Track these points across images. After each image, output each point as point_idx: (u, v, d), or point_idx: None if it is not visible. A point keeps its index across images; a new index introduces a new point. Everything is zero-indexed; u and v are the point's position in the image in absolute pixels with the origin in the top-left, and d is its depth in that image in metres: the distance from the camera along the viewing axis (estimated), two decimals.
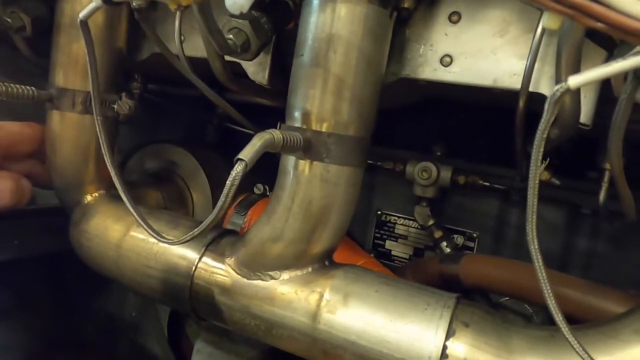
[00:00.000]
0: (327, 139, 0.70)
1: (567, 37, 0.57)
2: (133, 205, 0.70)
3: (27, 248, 1.36)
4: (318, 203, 0.72)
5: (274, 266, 0.76)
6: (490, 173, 1.14)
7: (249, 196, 1.35)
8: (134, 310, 1.75)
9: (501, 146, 1.24)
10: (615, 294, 0.82)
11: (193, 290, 0.79)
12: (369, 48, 0.70)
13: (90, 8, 0.59)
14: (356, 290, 0.70)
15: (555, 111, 0.40)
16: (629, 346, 0.56)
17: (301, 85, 0.72)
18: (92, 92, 0.71)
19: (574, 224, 1.13)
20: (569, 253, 1.14)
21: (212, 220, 0.58)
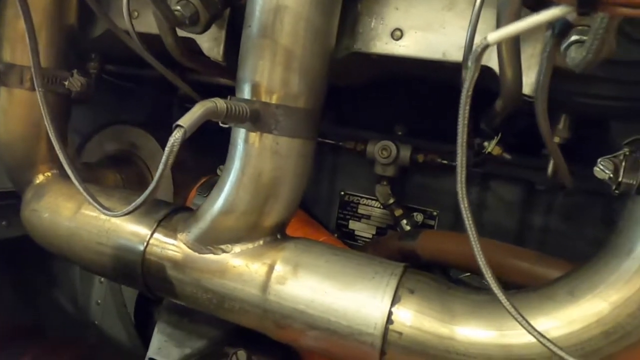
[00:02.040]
0: (276, 110, 0.70)
1: (505, 4, 0.58)
2: (79, 180, 0.69)
3: None
4: (268, 175, 0.72)
5: (226, 239, 0.75)
6: (449, 151, 1.16)
7: (212, 178, 1.34)
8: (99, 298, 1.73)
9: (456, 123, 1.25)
10: (561, 263, 0.84)
11: (145, 266, 0.79)
12: (317, 19, 0.70)
13: None
14: (306, 260, 0.71)
15: (478, 67, 0.40)
16: (563, 306, 0.58)
17: (250, 57, 0.72)
18: (32, 64, 0.69)
19: (529, 201, 1.15)
20: (524, 228, 1.16)
21: (151, 190, 0.57)
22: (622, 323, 0.55)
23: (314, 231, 1.11)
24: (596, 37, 0.43)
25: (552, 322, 0.58)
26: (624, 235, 0.57)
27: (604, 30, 0.42)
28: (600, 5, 0.33)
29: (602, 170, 0.60)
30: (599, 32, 0.42)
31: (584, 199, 1.10)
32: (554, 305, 0.59)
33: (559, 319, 0.58)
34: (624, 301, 0.55)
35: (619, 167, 0.59)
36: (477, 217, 1.21)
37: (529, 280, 0.87)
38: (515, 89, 0.67)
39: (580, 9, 0.34)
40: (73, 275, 1.75)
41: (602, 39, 0.43)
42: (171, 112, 1.63)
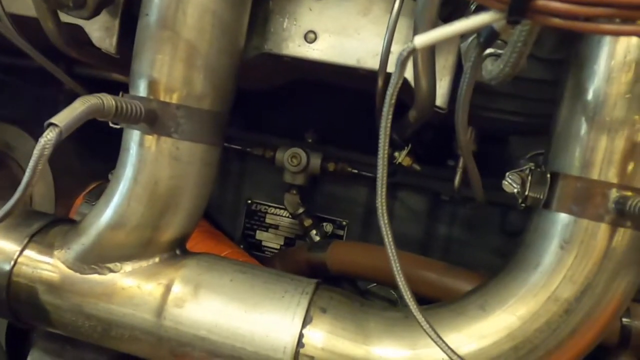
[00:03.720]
0: (176, 111, 0.62)
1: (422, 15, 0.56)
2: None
3: None
4: (166, 184, 0.64)
5: (115, 257, 0.66)
6: (359, 160, 1.15)
7: (102, 184, 1.20)
8: None
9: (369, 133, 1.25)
10: (468, 274, 0.86)
11: (12, 290, 0.66)
12: (225, 13, 0.64)
13: None
14: (208, 280, 0.64)
15: (403, 72, 0.37)
16: (475, 321, 0.58)
17: (147, 49, 0.63)
18: None
19: (434, 210, 1.18)
20: (430, 238, 1.19)
21: (17, 200, 0.47)
22: (531, 337, 0.55)
23: (217, 243, 1.03)
24: (514, 49, 0.42)
25: (464, 338, 0.57)
26: (530, 249, 0.58)
27: (523, 43, 0.42)
28: (531, 13, 0.31)
29: (510, 184, 0.61)
30: (517, 45, 0.41)
31: (485, 209, 1.14)
32: (466, 320, 0.58)
33: (470, 335, 0.57)
34: (532, 315, 0.55)
35: (526, 181, 0.60)
36: None
37: (437, 291, 0.88)
38: (428, 100, 0.67)
39: (511, 17, 0.32)
40: None
41: (521, 52, 0.43)
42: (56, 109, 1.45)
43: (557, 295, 0.55)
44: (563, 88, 0.59)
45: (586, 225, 0.54)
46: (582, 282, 0.54)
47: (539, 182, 0.58)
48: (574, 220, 0.55)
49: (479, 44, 0.41)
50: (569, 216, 0.55)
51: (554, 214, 0.56)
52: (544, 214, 0.58)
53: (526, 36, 0.41)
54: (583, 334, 0.54)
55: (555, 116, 0.60)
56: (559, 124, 0.59)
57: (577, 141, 0.56)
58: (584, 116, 0.56)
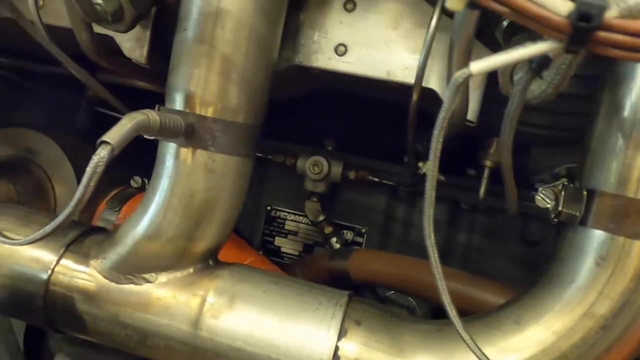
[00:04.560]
0: (213, 125, 0.63)
1: (459, 33, 0.57)
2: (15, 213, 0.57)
3: None
4: (201, 196, 0.65)
5: (150, 267, 0.67)
6: (379, 168, 1.15)
7: (125, 190, 1.21)
8: None
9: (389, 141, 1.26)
10: (492, 285, 0.86)
11: (48, 299, 0.67)
12: (261, 27, 0.65)
13: None
14: (243, 291, 0.65)
15: (456, 98, 0.38)
16: (510, 335, 0.58)
17: (184, 63, 0.64)
18: None
19: (454, 219, 1.18)
20: (449, 246, 1.19)
21: (68, 214, 0.48)
22: (566, 353, 0.55)
23: (241, 251, 1.04)
24: (558, 72, 0.43)
25: (499, 352, 0.58)
26: (565, 264, 0.59)
27: (568, 66, 0.42)
28: (592, 43, 0.32)
29: (543, 200, 0.61)
30: (562, 68, 0.42)
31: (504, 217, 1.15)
32: (500, 334, 0.59)
33: (505, 349, 0.58)
34: (568, 331, 0.56)
35: (559, 196, 0.61)
36: (404, 235, 1.21)
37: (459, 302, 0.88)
38: (461, 114, 0.67)
39: (570, 47, 0.33)
40: None
41: (565, 75, 0.43)
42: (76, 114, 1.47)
43: (593, 312, 0.55)
44: (598, 104, 0.60)
45: (622, 242, 0.55)
46: (619, 299, 0.54)
47: (573, 198, 0.59)
48: (610, 238, 0.55)
49: (530, 69, 0.42)
50: (605, 233, 0.56)
51: (590, 231, 0.57)
52: (579, 230, 0.58)
53: (572, 60, 0.41)
54: (620, 350, 0.55)
55: (590, 132, 0.60)
56: (594, 140, 0.59)
57: (614, 158, 0.56)
58: (620, 133, 0.56)
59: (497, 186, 1.01)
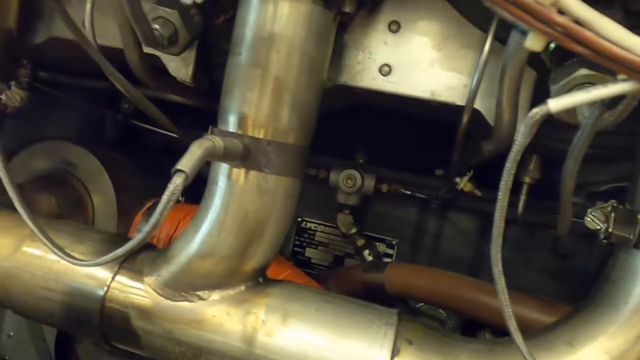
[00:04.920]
0: (267, 146, 0.65)
1: (512, 57, 0.58)
2: (31, 218, 0.59)
3: None
4: (254, 216, 0.66)
5: (202, 285, 0.68)
6: (410, 181, 1.16)
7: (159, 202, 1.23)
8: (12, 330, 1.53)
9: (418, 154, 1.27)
10: (532, 301, 0.86)
11: (105, 315, 0.69)
12: (313, 51, 0.66)
13: None
14: (295, 309, 0.66)
15: (532, 133, 0.39)
16: (563, 356, 0.59)
17: (237, 86, 0.66)
18: None
19: (485, 231, 1.19)
20: (479, 258, 1.20)
21: (141, 239, 0.49)
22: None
23: (278, 264, 1.05)
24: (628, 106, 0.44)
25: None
26: (619, 286, 0.59)
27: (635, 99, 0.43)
28: None
29: (593, 221, 0.62)
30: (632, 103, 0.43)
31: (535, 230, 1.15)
32: (554, 355, 0.59)
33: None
34: (622, 353, 0.56)
35: (609, 218, 0.61)
36: (435, 247, 1.22)
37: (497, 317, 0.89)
38: (508, 135, 0.68)
39: None
40: None
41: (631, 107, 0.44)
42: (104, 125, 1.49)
43: None
44: None
45: None
46: None
47: (625, 221, 0.59)
48: None
49: (602, 104, 0.43)
50: None
51: None
52: (632, 252, 0.59)
53: None
54: None
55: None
56: None
57: None
58: None
59: (530, 200, 1.02)
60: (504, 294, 0.47)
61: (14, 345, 1.55)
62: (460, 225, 1.21)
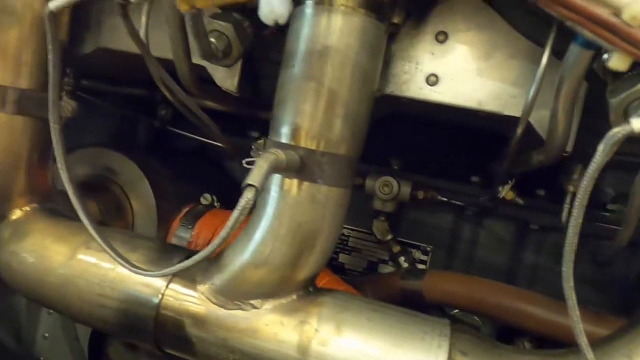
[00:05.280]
0: (321, 158, 0.65)
1: (571, 71, 0.58)
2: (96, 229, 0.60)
3: None
4: (307, 226, 0.67)
5: (255, 294, 0.69)
6: (446, 188, 1.16)
7: (195, 207, 1.25)
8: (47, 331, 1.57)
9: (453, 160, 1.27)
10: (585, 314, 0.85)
11: (159, 322, 0.70)
12: (365, 63, 0.67)
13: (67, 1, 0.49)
14: (348, 319, 0.67)
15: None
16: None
17: (291, 98, 0.67)
18: (51, 97, 0.59)
19: (522, 238, 1.18)
20: (516, 266, 1.19)
21: (210, 251, 0.51)
22: None
23: None
24: None
25: None
26: None
27: None
28: None
29: None
30: None
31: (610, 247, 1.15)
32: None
33: None
34: None
35: None
36: (470, 254, 1.22)
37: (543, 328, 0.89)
38: (561, 147, 0.68)
39: None
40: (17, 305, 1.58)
41: None
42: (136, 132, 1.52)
43: None
44: None
45: None
46: None
47: None
48: None
49: None
50: None
51: None
52: None
53: None
54: None
55: None
56: None
57: None
58: None
59: None
60: (575, 310, 0.47)
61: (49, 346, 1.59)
62: (496, 232, 1.20)
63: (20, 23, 0.80)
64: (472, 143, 1.14)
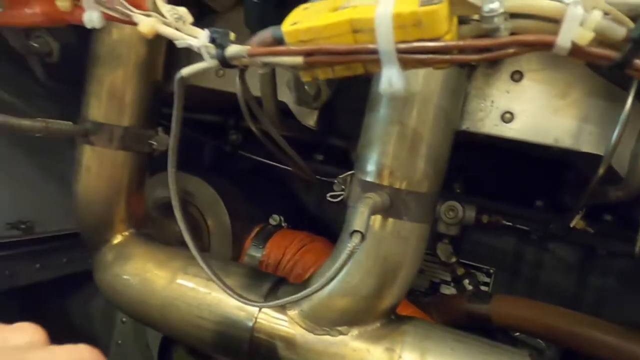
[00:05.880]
0: (406, 197, 0.70)
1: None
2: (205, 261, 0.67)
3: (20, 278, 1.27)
4: (392, 259, 0.72)
5: (341, 321, 0.74)
6: (510, 212, 1.18)
7: (265, 227, 1.32)
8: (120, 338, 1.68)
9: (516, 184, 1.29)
10: None
11: (253, 344, 0.77)
12: (447, 105, 0.71)
13: (199, 67, 0.56)
14: (431, 347, 0.71)
15: None
16: None
17: (377, 140, 0.72)
18: (171, 148, 0.66)
19: (588, 262, 1.19)
20: (582, 290, 1.19)
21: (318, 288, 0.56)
22: None
23: None
24: None
25: None
26: None
27: None
28: None
29: None
30: None
31: None
32: None
33: None
34: None
35: None
36: (534, 277, 1.23)
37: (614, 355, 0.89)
38: None
39: None
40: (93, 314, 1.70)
41: None
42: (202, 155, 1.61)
43: None
44: None
45: None
46: None
47: None
48: None
49: None
50: None
51: None
52: None
53: None
54: None
55: None
56: None
57: None
58: None
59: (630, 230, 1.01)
60: None
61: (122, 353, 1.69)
62: (560, 256, 1.21)
63: (125, 65, 0.88)
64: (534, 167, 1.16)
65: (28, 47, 0.90)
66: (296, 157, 0.88)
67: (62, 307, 1.66)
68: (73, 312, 1.69)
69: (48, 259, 1.33)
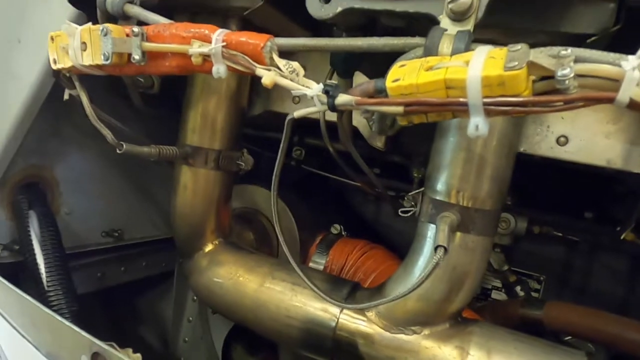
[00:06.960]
0: (474, 214, 0.80)
1: None
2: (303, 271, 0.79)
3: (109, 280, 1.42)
4: (460, 268, 0.82)
5: (414, 321, 0.85)
6: (559, 222, 1.26)
7: (327, 235, 1.43)
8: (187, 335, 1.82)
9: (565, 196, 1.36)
10: None
11: (335, 341, 0.88)
12: (509, 131, 0.81)
13: (310, 111, 0.67)
14: (497, 346, 0.80)
15: None
16: None
17: (447, 163, 0.82)
18: (274, 180, 0.78)
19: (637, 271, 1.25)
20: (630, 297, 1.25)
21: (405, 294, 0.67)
22: None
23: None
24: None
25: None
26: None
27: None
28: None
29: None
30: None
31: None
32: None
33: None
34: None
35: None
36: (583, 285, 1.30)
37: None
38: None
39: None
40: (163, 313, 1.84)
41: None
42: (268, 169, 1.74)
43: None
44: None
45: None
46: None
47: None
48: None
49: None
50: None
51: None
52: None
53: None
54: None
55: None
56: None
57: None
58: None
59: None
60: None
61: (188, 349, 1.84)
62: (609, 264, 1.28)
63: (218, 95, 1.02)
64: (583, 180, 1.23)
65: (135, 81, 1.04)
66: (371, 175, 0.99)
67: (136, 306, 1.82)
68: (145, 310, 1.84)
69: (131, 263, 1.49)
